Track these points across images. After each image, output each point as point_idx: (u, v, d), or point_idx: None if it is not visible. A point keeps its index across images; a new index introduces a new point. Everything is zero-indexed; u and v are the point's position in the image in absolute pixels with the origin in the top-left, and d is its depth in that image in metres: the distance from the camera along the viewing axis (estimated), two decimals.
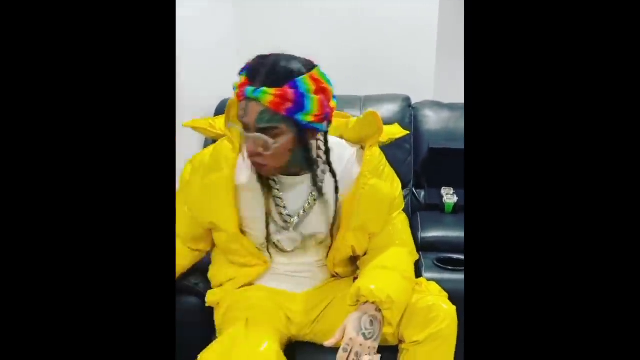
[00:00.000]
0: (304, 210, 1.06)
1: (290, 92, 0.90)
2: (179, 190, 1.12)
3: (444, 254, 1.31)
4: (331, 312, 1.11)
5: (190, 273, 1.22)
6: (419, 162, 1.68)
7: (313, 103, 0.92)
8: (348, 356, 0.92)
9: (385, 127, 1.10)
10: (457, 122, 1.68)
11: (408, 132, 1.18)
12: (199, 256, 1.20)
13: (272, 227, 1.07)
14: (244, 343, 0.93)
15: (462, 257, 1.27)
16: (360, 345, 0.93)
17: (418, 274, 1.20)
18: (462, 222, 1.45)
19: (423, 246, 1.39)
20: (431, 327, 0.97)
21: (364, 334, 0.94)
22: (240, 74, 0.94)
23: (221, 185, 1.04)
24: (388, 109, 1.66)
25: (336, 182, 1.06)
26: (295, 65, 0.93)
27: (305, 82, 0.92)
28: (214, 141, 1.16)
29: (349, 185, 1.06)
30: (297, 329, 1.12)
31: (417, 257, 1.16)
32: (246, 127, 0.94)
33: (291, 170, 1.03)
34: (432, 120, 1.71)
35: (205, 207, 1.07)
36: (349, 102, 1.67)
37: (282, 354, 0.98)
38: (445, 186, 1.61)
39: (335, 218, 1.08)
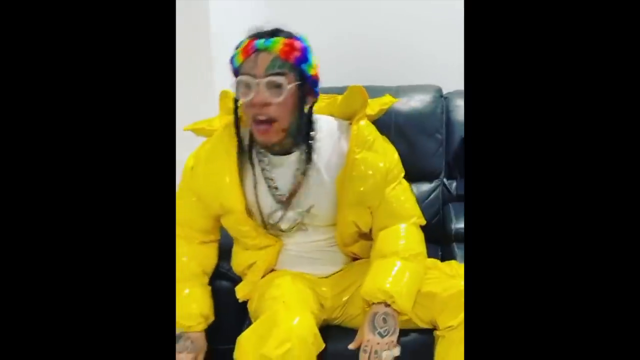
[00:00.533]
0: (294, 187, 1.08)
1: (297, 43, 0.97)
2: (183, 185, 1.16)
3: None
4: (360, 296, 1.11)
5: (221, 259, 1.25)
6: (451, 153, 1.65)
7: (313, 58, 1.00)
8: (369, 356, 0.97)
9: (375, 99, 1.13)
10: None
11: (399, 99, 1.26)
12: (216, 246, 1.23)
13: (266, 208, 1.10)
14: (283, 321, 0.95)
15: None
16: (378, 343, 0.97)
17: None
18: None
19: (457, 237, 1.37)
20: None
21: (379, 333, 0.98)
22: (240, 43, 1.00)
23: (225, 168, 1.08)
24: (420, 99, 1.64)
25: (309, 158, 1.06)
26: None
27: (305, 39, 1.00)
28: None
29: (341, 160, 1.07)
30: (327, 313, 1.13)
31: (423, 222, 1.16)
32: (254, 77, 0.96)
33: (285, 143, 1.04)
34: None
35: (213, 190, 1.10)
36: (381, 92, 1.65)
37: (316, 329, 1.00)
38: None
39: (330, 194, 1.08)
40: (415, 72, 1.83)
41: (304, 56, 0.98)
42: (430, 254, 1.14)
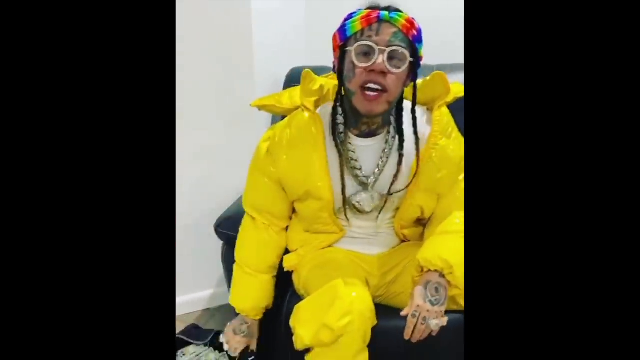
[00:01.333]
0: (378, 169, 1.10)
1: (415, 22, 0.99)
2: (258, 170, 1.17)
3: None
4: (405, 275, 1.14)
5: None
6: None
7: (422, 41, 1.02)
8: (416, 322, 0.96)
9: (450, 87, 1.12)
10: None
11: None
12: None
13: (348, 190, 1.11)
14: (345, 295, 0.98)
15: None
16: (428, 311, 0.97)
17: None
18: None
19: None
20: None
21: (430, 301, 0.98)
22: (356, 12, 1.00)
23: (314, 154, 1.08)
24: (459, 78, 1.60)
25: (402, 140, 1.08)
26: None
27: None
28: (282, 118, 1.19)
29: (421, 145, 1.09)
30: (372, 291, 1.16)
31: None
32: (376, 44, 0.97)
33: (374, 122, 1.07)
34: None
35: (301, 177, 1.10)
36: (421, 70, 1.64)
37: (373, 304, 1.03)
38: None
39: (396, 176, 1.10)
40: (456, 49, 1.79)
41: (419, 36, 1.00)
42: None
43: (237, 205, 1.50)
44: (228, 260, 1.43)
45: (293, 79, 1.66)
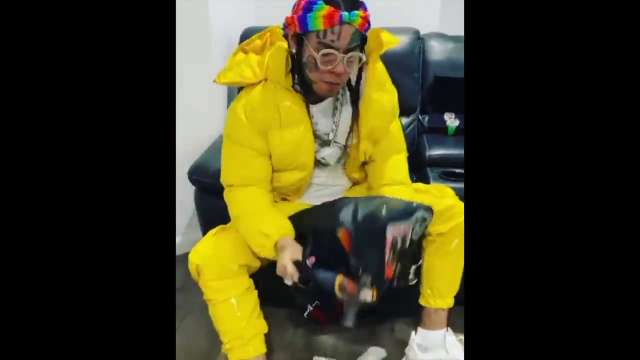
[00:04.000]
0: (335, 125, 1.22)
1: (367, 13, 1.03)
2: (238, 145, 1.19)
3: (447, 169, 1.54)
4: None
5: None
6: (426, 90, 1.85)
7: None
8: None
9: (382, 38, 1.14)
10: (461, 53, 1.83)
11: (400, 40, 1.25)
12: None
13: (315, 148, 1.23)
14: None
15: (462, 170, 1.51)
16: None
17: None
18: (462, 143, 1.67)
19: (430, 162, 1.61)
20: (452, 221, 1.22)
21: None
22: (317, 4, 0.99)
23: (306, 136, 1.18)
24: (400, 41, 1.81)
25: (353, 94, 1.19)
26: None
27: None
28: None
29: (359, 99, 1.19)
30: None
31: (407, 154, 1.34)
32: (337, 50, 1.02)
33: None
34: (438, 50, 1.85)
35: (292, 154, 1.20)
36: None
37: None
38: (448, 112, 1.82)
39: (351, 127, 1.22)
40: (395, 15, 1.98)
41: (368, 25, 1.05)
42: None
43: (206, 154, 1.64)
44: (201, 205, 1.58)
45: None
